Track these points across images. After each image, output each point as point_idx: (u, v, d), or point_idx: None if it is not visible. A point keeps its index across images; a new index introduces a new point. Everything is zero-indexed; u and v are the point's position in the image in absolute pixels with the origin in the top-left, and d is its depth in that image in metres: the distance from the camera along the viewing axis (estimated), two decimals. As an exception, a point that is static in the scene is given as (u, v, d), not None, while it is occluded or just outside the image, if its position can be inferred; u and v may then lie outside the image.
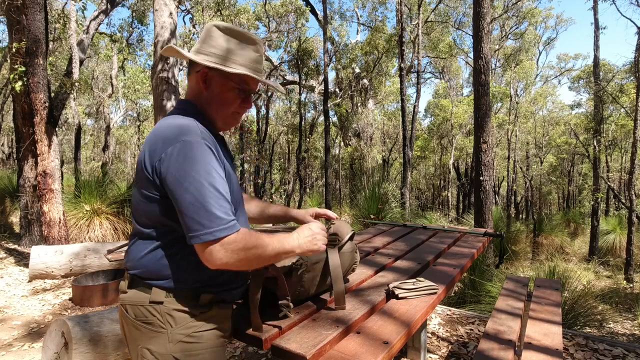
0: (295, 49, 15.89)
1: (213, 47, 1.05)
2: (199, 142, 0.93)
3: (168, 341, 0.97)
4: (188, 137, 0.92)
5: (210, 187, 0.90)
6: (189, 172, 0.89)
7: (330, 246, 1.31)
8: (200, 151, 0.92)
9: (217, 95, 1.08)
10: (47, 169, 4.67)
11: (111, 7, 7.14)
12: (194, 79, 1.08)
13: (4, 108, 16.27)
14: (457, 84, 21.91)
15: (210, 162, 0.93)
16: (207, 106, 1.09)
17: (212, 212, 0.88)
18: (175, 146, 0.91)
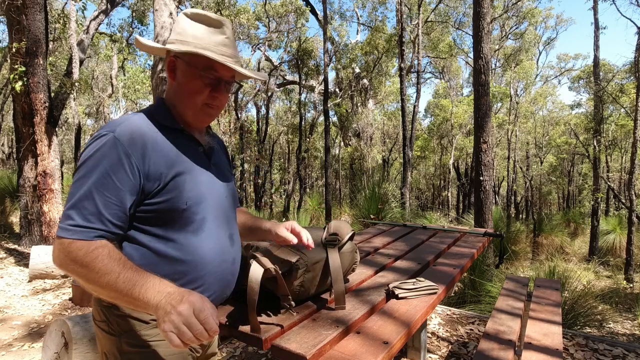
0: (295, 49, 15.89)
1: (178, 34, 0.99)
2: (108, 139, 0.85)
3: (121, 346, 0.93)
4: (103, 131, 0.87)
5: (86, 184, 0.83)
6: (81, 166, 0.86)
7: (330, 246, 1.31)
8: (101, 148, 0.85)
9: (183, 85, 0.99)
10: (47, 169, 4.67)
11: (111, 7, 7.14)
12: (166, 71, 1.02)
13: (4, 108, 16.26)
14: (457, 84, 21.91)
15: (105, 162, 0.84)
16: (175, 98, 1.01)
17: (70, 209, 0.82)
18: (90, 138, 0.90)
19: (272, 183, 19.47)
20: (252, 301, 1.06)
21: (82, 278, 0.81)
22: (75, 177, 0.85)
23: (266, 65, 17.44)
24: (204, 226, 0.97)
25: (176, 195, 0.91)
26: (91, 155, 0.85)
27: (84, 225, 0.81)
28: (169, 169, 0.91)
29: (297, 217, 9.03)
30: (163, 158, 0.91)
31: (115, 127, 0.87)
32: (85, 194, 0.82)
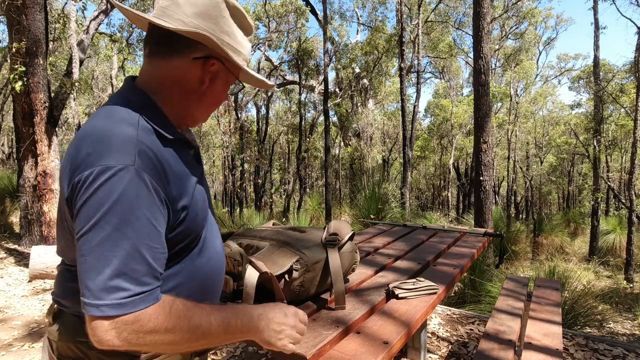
0: (295, 49, 15.90)
1: (226, 34, 0.80)
2: (129, 174, 0.65)
3: None
4: (112, 162, 0.64)
5: (127, 244, 0.63)
6: (96, 214, 0.62)
7: (330, 246, 1.31)
8: (127, 188, 0.64)
9: (216, 93, 0.84)
10: (47, 169, 4.67)
11: (111, 7, 7.14)
12: (187, 65, 0.78)
13: (4, 108, 16.26)
14: (457, 84, 21.91)
15: (139, 205, 0.65)
16: (187, 102, 0.82)
17: (109, 279, 0.61)
18: (92, 171, 0.63)
19: (272, 183, 19.47)
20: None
21: (169, 345, 0.66)
22: (96, 230, 0.62)
23: (266, 65, 17.44)
24: (206, 243, 0.84)
25: (193, 219, 0.78)
26: (117, 199, 0.63)
27: (143, 292, 0.64)
28: (186, 193, 0.76)
29: (297, 217, 9.03)
30: (179, 181, 0.75)
31: (117, 150, 0.66)
32: (131, 254, 0.63)
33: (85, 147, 0.67)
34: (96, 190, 0.63)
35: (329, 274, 1.27)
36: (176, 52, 0.77)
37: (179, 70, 0.78)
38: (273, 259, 1.22)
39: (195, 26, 0.75)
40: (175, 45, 0.77)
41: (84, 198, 0.64)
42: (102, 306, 0.61)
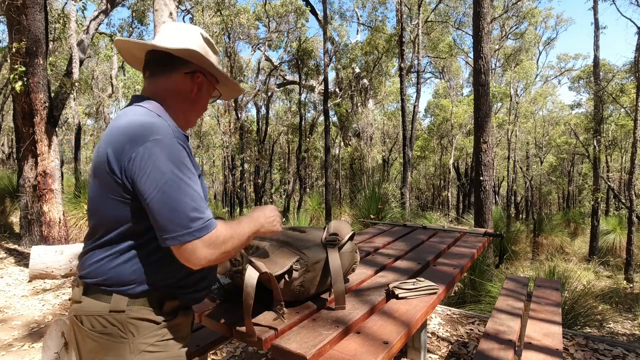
0: (295, 49, 15.89)
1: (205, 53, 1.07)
2: (172, 141, 0.89)
3: (129, 351, 0.91)
4: (159, 136, 0.88)
5: (186, 186, 0.87)
6: (163, 172, 0.85)
7: (330, 246, 1.31)
8: (173, 149, 0.88)
9: (202, 100, 1.11)
10: (47, 169, 4.67)
11: (111, 7, 7.14)
12: (181, 79, 1.04)
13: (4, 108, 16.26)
14: (457, 84, 21.90)
15: (184, 160, 0.90)
16: (183, 108, 1.07)
17: (190, 212, 0.86)
18: (146, 146, 0.86)
19: (272, 183, 19.48)
20: (247, 306, 1.07)
21: (232, 250, 0.94)
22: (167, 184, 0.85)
23: (266, 65, 17.44)
24: None
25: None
26: (174, 159, 0.88)
27: (209, 218, 0.90)
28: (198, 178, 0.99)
29: (297, 217, 9.02)
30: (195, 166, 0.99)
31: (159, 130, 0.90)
32: (194, 195, 0.88)
33: (131, 133, 0.88)
34: (153, 154, 0.86)
35: (329, 274, 1.27)
36: (175, 69, 1.04)
37: (176, 83, 1.05)
38: (273, 258, 1.22)
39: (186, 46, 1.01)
40: (172, 63, 1.04)
41: (149, 164, 0.86)
42: (193, 231, 0.85)
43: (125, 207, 0.90)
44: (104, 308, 0.92)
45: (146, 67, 1.06)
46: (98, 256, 0.93)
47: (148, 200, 0.85)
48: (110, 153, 0.88)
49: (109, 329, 0.91)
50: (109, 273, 0.92)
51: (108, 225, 0.92)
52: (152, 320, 0.94)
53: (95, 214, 0.95)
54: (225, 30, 13.68)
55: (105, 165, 0.89)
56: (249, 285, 1.08)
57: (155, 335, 0.94)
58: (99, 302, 0.92)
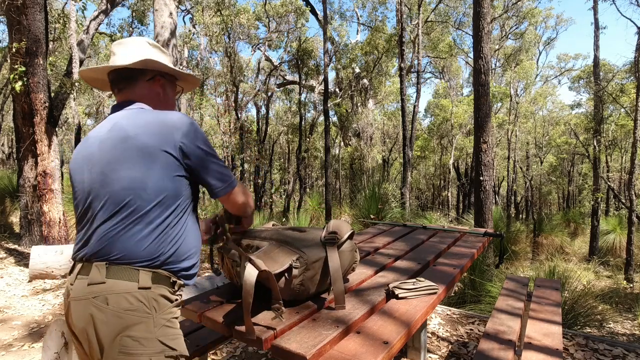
0: (295, 49, 15.89)
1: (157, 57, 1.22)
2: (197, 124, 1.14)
3: (153, 325, 1.00)
4: (192, 120, 1.12)
5: (216, 153, 1.15)
6: (209, 144, 1.14)
7: (329, 244, 1.31)
8: (201, 130, 1.15)
9: (170, 98, 1.30)
10: (47, 169, 4.67)
11: (111, 7, 7.14)
12: (147, 86, 1.22)
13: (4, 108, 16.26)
14: (457, 84, 21.90)
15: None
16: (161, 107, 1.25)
17: (229, 170, 1.18)
18: (190, 128, 1.10)
19: (272, 183, 19.46)
20: (247, 304, 1.07)
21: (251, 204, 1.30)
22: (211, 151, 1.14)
23: (266, 65, 17.44)
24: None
25: None
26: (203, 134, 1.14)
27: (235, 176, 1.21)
28: None
29: (297, 217, 9.02)
30: None
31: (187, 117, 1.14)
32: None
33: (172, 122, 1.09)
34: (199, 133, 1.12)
35: (328, 273, 1.27)
36: (137, 79, 1.20)
37: (142, 91, 1.21)
38: (272, 257, 1.23)
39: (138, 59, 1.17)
40: (132, 75, 1.20)
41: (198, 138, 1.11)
42: (233, 181, 1.18)
43: (179, 182, 1.08)
44: (133, 286, 1.00)
45: (113, 86, 1.22)
46: (132, 232, 1.02)
47: (205, 167, 1.11)
48: (155, 139, 1.05)
49: (134, 305, 0.99)
50: (144, 246, 1.03)
51: (145, 198, 1.03)
52: (169, 298, 1.06)
53: (132, 191, 1.03)
54: (225, 30, 13.68)
55: (152, 148, 1.04)
56: (248, 283, 1.08)
57: (170, 312, 1.06)
58: (126, 281, 1.00)
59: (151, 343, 0.99)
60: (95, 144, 1.10)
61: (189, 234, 1.13)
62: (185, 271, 1.12)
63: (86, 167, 1.08)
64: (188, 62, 15.36)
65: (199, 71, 15.22)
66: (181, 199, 1.09)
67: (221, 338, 1.75)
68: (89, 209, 1.06)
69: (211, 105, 16.66)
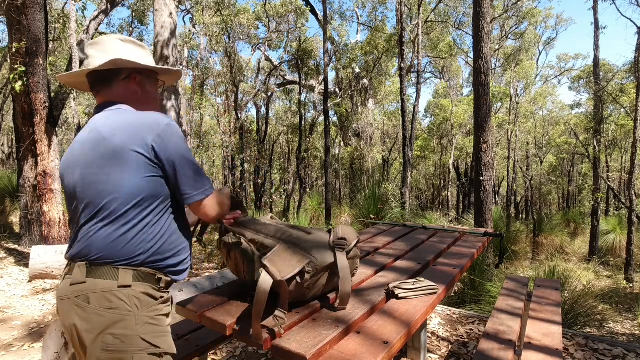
0: (295, 49, 15.89)
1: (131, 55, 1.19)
2: (175, 124, 1.12)
3: (135, 323, 1.01)
4: (169, 121, 1.10)
5: (194, 158, 1.12)
6: (185, 147, 1.10)
7: (339, 249, 1.32)
8: (179, 131, 1.12)
9: (151, 94, 1.26)
10: (47, 169, 4.67)
11: (111, 7, 7.14)
12: (123, 86, 1.19)
13: (4, 108, 16.26)
14: (457, 84, 21.89)
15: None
16: (142, 106, 1.22)
17: (204, 176, 1.13)
18: (165, 129, 1.07)
19: (272, 183, 19.45)
20: (258, 311, 1.07)
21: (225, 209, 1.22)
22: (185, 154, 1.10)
23: (266, 65, 17.43)
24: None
25: None
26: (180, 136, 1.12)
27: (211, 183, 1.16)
28: None
29: (297, 217, 9.02)
30: None
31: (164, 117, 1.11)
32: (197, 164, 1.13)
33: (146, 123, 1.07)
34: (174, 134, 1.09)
35: (334, 277, 1.28)
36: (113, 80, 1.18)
37: (119, 90, 1.18)
38: (284, 259, 1.22)
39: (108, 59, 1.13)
40: (108, 76, 1.18)
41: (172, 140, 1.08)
42: (207, 189, 1.13)
43: (152, 181, 1.07)
44: (112, 284, 1.01)
45: (91, 88, 1.21)
46: (108, 232, 1.04)
47: (178, 170, 1.08)
48: (128, 139, 1.04)
49: (115, 303, 1.00)
50: (121, 246, 1.03)
51: (122, 200, 1.04)
52: (152, 295, 1.06)
53: (110, 194, 1.04)
54: (225, 30, 13.68)
55: (126, 150, 1.04)
56: (262, 291, 1.08)
57: (154, 310, 1.06)
58: (106, 279, 1.02)
59: (133, 340, 1.00)
60: (77, 147, 1.12)
61: (174, 231, 1.13)
62: (172, 267, 1.12)
63: (70, 170, 1.11)
64: (188, 62, 15.35)
65: (199, 71, 15.22)
66: (160, 199, 1.09)
67: (221, 338, 1.75)
68: (75, 211, 1.10)
69: (211, 105, 16.66)
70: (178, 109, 5.07)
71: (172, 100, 4.90)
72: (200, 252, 7.41)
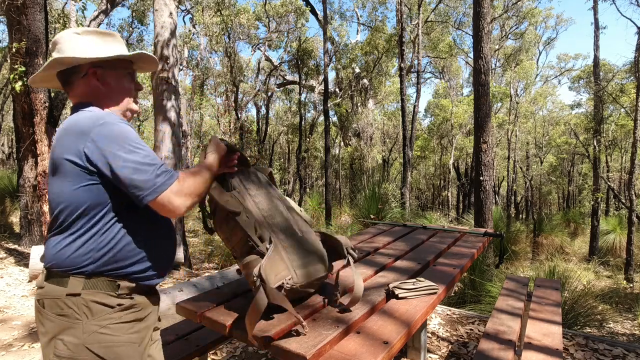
0: (295, 49, 15.89)
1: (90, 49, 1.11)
2: (116, 119, 1.03)
3: (82, 332, 0.98)
4: (103, 120, 1.01)
5: (140, 150, 1.01)
6: (121, 145, 0.99)
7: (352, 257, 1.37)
8: (119, 126, 1.02)
9: (118, 86, 1.16)
10: (47, 169, 4.67)
11: (111, 7, 7.13)
12: (83, 83, 1.12)
13: (4, 108, 16.26)
14: (457, 84, 21.88)
15: (129, 134, 1.02)
16: (109, 102, 1.14)
17: (152, 170, 0.99)
18: (98, 131, 0.99)
19: (272, 183, 19.39)
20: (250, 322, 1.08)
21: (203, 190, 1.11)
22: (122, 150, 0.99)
23: (266, 65, 17.44)
24: None
25: None
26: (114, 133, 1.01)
27: (170, 171, 1.04)
28: None
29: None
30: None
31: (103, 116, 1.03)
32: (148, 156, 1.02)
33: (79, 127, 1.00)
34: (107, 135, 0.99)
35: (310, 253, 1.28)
36: (73, 79, 1.12)
37: (80, 89, 1.12)
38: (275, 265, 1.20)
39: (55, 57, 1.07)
40: (67, 76, 1.12)
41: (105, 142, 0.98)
42: (161, 185, 0.99)
43: (92, 190, 1.00)
44: (62, 292, 1.00)
45: (63, 87, 1.16)
46: (57, 241, 1.02)
47: (116, 171, 0.97)
48: (64, 148, 1.00)
49: (65, 310, 0.99)
50: (66, 255, 1.00)
51: (67, 211, 1.01)
52: (106, 304, 1.01)
53: (58, 205, 1.03)
54: (225, 30, 13.68)
55: (62, 160, 1.00)
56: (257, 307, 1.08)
57: (108, 319, 1.01)
58: (58, 286, 1.00)
59: (78, 349, 0.98)
60: None
61: (134, 237, 1.05)
62: (139, 274, 1.07)
63: None
64: (188, 62, 15.36)
65: (199, 71, 15.23)
66: (108, 206, 1.02)
67: (221, 338, 1.75)
68: None
69: (211, 105, 16.67)
70: (178, 109, 5.07)
71: (172, 100, 4.90)
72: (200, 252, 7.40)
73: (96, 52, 1.11)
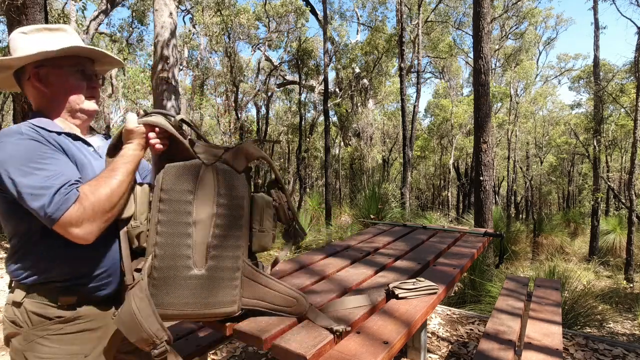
0: (295, 49, 15.89)
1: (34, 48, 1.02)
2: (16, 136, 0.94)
3: (23, 339, 1.01)
4: (2, 139, 0.93)
5: (39, 171, 0.90)
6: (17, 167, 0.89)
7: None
8: (18, 145, 0.92)
9: (63, 85, 1.06)
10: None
11: (111, 7, 7.14)
12: (29, 86, 1.05)
13: (4, 108, 16.26)
14: (457, 84, 21.88)
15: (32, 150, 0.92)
16: (54, 105, 1.07)
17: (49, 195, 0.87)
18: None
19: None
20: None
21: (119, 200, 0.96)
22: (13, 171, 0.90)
23: (266, 65, 17.43)
24: None
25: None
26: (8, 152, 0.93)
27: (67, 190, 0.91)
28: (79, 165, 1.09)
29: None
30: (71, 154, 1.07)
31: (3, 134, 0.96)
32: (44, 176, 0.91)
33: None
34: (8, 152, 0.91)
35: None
36: (21, 83, 1.08)
37: (28, 93, 1.07)
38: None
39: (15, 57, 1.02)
40: (19, 80, 1.08)
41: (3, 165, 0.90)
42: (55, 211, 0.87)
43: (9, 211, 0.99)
44: (10, 299, 1.04)
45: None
46: (8, 254, 1.06)
47: (19, 198, 0.90)
48: None
49: (11, 317, 1.03)
50: (12, 267, 1.03)
51: (6, 228, 1.04)
52: (44, 315, 1.00)
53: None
54: (225, 30, 13.68)
55: None
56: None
57: (47, 330, 1.01)
58: (10, 294, 1.05)
59: (19, 357, 1.02)
60: None
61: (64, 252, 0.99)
62: (81, 287, 1.03)
63: None
64: (188, 62, 15.36)
65: (199, 71, 15.22)
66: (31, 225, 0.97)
67: (221, 338, 1.75)
68: None
69: (211, 105, 16.65)
70: (178, 109, 5.07)
71: (172, 100, 4.90)
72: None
73: (36, 49, 1.01)
